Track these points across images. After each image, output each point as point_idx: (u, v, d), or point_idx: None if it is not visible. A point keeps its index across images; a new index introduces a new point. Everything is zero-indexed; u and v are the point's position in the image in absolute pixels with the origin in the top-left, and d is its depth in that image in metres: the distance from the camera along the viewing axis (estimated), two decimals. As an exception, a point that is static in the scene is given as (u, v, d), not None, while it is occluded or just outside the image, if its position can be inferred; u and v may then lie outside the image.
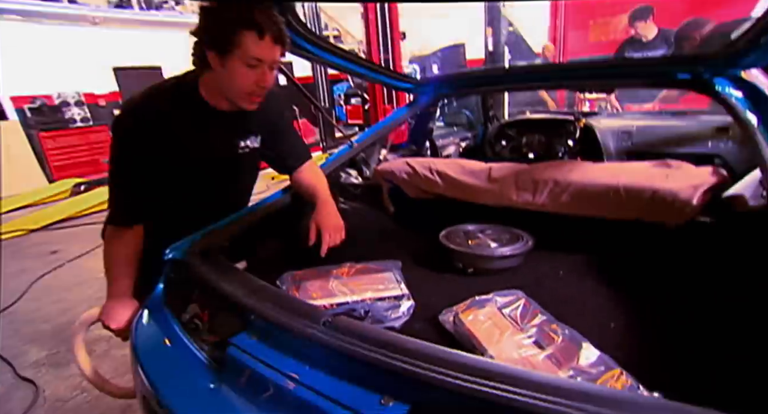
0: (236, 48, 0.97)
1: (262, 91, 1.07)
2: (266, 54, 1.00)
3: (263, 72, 1.03)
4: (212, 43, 0.99)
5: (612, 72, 1.34)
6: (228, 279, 0.90)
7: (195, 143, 1.13)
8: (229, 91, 1.06)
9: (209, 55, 1.01)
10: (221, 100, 1.11)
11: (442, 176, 1.40)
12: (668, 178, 1.05)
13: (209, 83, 1.09)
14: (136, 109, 1.08)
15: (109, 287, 1.14)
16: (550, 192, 1.21)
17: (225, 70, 1.01)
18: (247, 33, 0.96)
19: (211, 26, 0.99)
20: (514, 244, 1.18)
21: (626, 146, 2.37)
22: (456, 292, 1.12)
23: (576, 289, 1.07)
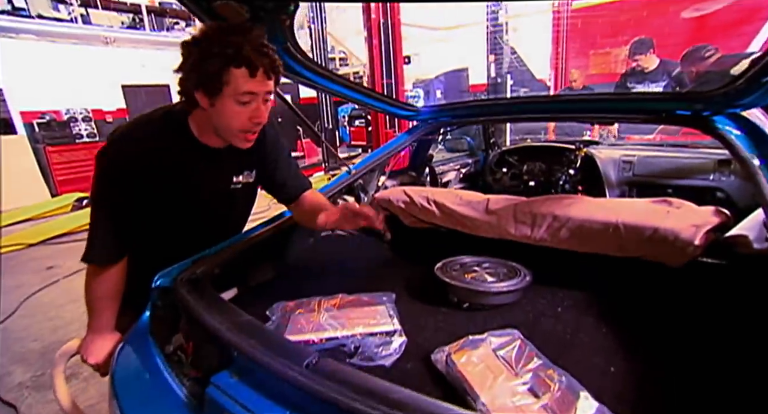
0: (225, 86, 0.91)
1: (257, 128, 1.00)
2: (259, 88, 0.93)
3: (257, 107, 0.96)
4: (199, 83, 0.92)
5: (611, 106, 1.34)
6: (213, 311, 0.87)
7: (184, 181, 1.07)
8: (221, 129, 0.99)
9: (197, 95, 0.94)
10: (212, 137, 1.04)
11: (439, 206, 1.38)
12: (669, 217, 1.03)
13: (199, 120, 1.02)
14: (122, 144, 1.00)
15: (89, 320, 1.11)
16: (548, 227, 1.19)
17: (215, 109, 0.95)
18: (236, 71, 0.89)
19: (196, 64, 0.90)
20: (512, 279, 1.15)
21: (627, 177, 2.36)
22: (450, 327, 1.08)
23: (574, 329, 1.03)
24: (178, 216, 1.13)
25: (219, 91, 0.91)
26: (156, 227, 1.13)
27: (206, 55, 0.89)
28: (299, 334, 1.00)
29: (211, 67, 0.89)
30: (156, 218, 1.10)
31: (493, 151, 2.91)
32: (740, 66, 2.25)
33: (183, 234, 1.18)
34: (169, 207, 1.10)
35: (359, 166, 1.73)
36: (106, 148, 1.00)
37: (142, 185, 1.01)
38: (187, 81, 0.94)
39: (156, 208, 1.08)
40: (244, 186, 1.20)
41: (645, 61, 3.11)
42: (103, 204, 1.03)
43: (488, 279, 1.18)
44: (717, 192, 2.05)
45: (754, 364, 0.79)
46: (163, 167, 1.02)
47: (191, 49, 0.91)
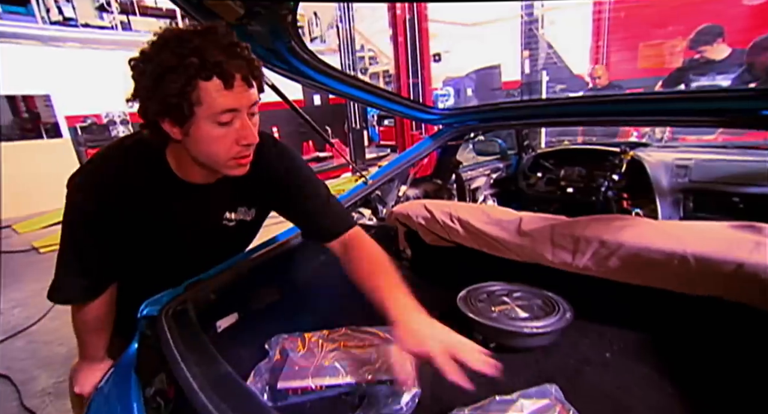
0: (197, 106, 0.70)
1: (248, 150, 0.79)
2: (240, 102, 0.72)
3: (242, 125, 0.75)
4: (164, 111, 0.71)
5: (675, 108, 1.11)
6: (192, 358, 0.75)
7: (163, 221, 0.91)
8: (205, 161, 0.80)
9: (166, 126, 0.74)
10: (194, 172, 0.86)
11: (464, 225, 1.21)
12: (759, 249, 0.81)
13: (176, 153, 0.84)
14: (97, 174, 0.85)
15: (78, 348, 1.02)
16: (594, 253, 0.99)
17: (191, 138, 0.75)
18: (207, 84, 0.69)
19: (154, 86, 0.68)
20: (549, 316, 0.97)
21: (682, 183, 2.08)
22: (473, 374, 0.91)
23: (627, 384, 0.84)
24: (159, 253, 0.99)
25: (190, 115, 0.71)
26: (136, 263, 0.99)
27: (162, 71, 0.67)
28: (295, 380, 0.87)
29: (172, 86, 0.67)
30: (135, 255, 0.96)
31: (527, 154, 2.68)
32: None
33: (168, 269, 1.04)
34: (148, 244, 0.95)
35: (377, 175, 1.58)
36: (77, 180, 0.85)
37: (116, 222, 0.86)
38: (147, 110, 0.73)
39: (134, 246, 0.93)
40: (240, 224, 1.00)
41: (712, 52, 2.69)
42: (72, 239, 0.87)
43: (520, 314, 1.00)
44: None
45: None
46: (138, 205, 0.86)
47: (143, 67, 0.70)
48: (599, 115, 1.25)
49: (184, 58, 0.66)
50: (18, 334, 2.89)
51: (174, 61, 0.66)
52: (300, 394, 0.86)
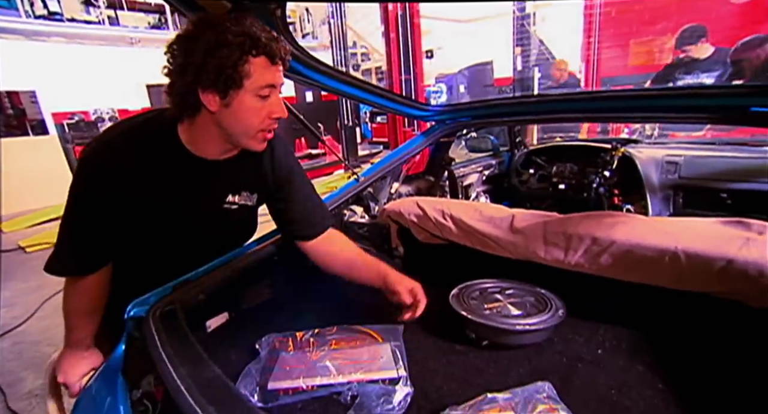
0: (245, 80, 0.80)
1: (275, 124, 0.89)
2: (279, 79, 0.85)
3: (276, 100, 0.86)
4: (212, 82, 0.79)
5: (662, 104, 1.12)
6: (179, 360, 0.73)
7: (168, 193, 0.94)
8: (237, 131, 0.87)
9: (205, 97, 0.81)
10: (209, 148, 0.92)
11: (456, 222, 1.20)
12: (749, 245, 0.81)
13: (196, 128, 0.89)
14: (104, 151, 0.88)
15: (65, 334, 1.00)
16: (586, 250, 0.99)
17: (230, 109, 0.83)
18: (256, 60, 0.79)
19: (207, 61, 0.77)
20: (541, 313, 0.96)
21: (672, 179, 2.10)
22: (465, 373, 0.91)
23: (621, 382, 0.84)
24: (160, 233, 1.00)
25: (238, 86, 0.80)
26: (136, 245, 1.00)
27: (214, 47, 0.76)
28: (286, 381, 0.85)
29: (227, 59, 0.76)
30: (136, 234, 0.97)
31: (519, 151, 2.69)
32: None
33: (166, 254, 1.04)
34: (150, 222, 0.96)
35: (369, 172, 1.57)
36: (88, 153, 0.88)
37: (122, 196, 0.89)
38: (192, 83, 0.79)
39: (136, 223, 0.95)
40: (241, 208, 1.04)
41: (696, 51, 2.77)
42: (76, 211, 0.90)
43: (512, 311, 1.00)
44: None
45: None
46: (146, 178, 0.90)
47: (192, 44, 0.78)
48: (591, 111, 1.24)
49: (236, 37, 0.76)
50: (4, 335, 2.84)
51: (226, 39, 0.76)
52: (291, 394, 0.84)
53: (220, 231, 1.06)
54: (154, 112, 0.94)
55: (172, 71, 0.81)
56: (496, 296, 1.07)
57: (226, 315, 1.19)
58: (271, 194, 1.07)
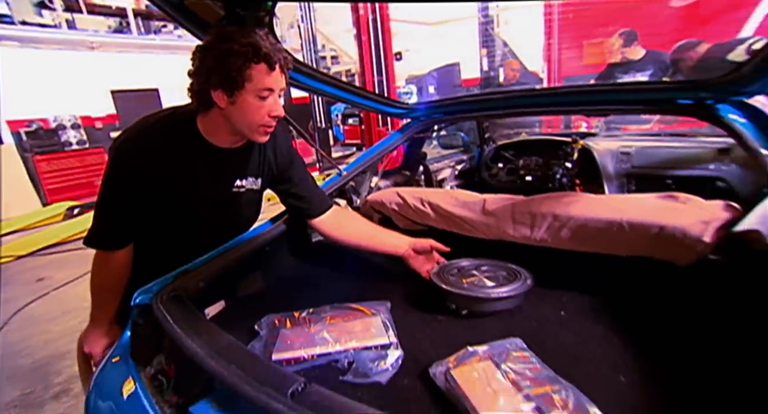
0: (247, 82, 0.95)
1: (274, 121, 1.04)
2: (276, 84, 0.99)
3: (275, 101, 1.01)
4: (220, 83, 0.95)
5: (608, 98, 1.28)
6: (193, 333, 0.81)
7: (188, 180, 1.09)
8: (240, 125, 1.03)
9: (215, 95, 0.97)
10: (221, 137, 1.08)
11: (434, 208, 1.32)
12: (676, 213, 0.97)
13: (210, 121, 1.05)
14: (131, 141, 1.05)
15: (91, 310, 1.17)
16: (549, 227, 1.13)
17: (235, 106, 0.98)
18: (257, 66, 0.94)
19: (216, 64, 0.93)
20: (512, 283, 1.09)
21: (625, 168, 2.31)
22: (449, 337, 1.02)
23: (580, 336, 0.97)
24: (178, 213, 1.14)
25: (241, 87, 0.95)
26: (157, 223, 1.15)
27: (226, 54, 0.92)
28: (288, 351, 0.94)
29: (233, 65, 0.92)
30: (157, 213, 1.12)
31: (489, 147, 2.85)
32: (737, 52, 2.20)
33: (184, 233, 1.18)
34: (173, 202, 1.11)
35: (351, 167, 1.67)
36: (118, 142, 1.05)
37: (147, 179, 1.05)
38: (205, 82, 0.96)
39: (157, 203, 1.10)
40: (248, 192, 1.21)
41: (631, 53, 3.09)
42: (108, 194, 1.07)
43: (487, 284, 1.13)
44: (718, 181, 1.99)
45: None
46: (168, 163, 1.06)
47: (207, 52, 0.95)
48: (549, 105, 1.40)
49: (242, 47, 0.91)
50: (-25, 350, 2.74)
51: (234, 47, 0.91)
52: (293, 364, 0.93)
53: (230, 211, 1.22)
54: (169, 110, 1.11)
55: (192, 73, 0.98)
56: (473, 272, 1.19)
57: (223, 303, 1.26)
58: (275, 178, 1.24)
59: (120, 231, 1.10)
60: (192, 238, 1.20)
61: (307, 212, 1.27)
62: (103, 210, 1.09)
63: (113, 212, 1.08)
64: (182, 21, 1.02)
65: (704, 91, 1.09)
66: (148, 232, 1.15)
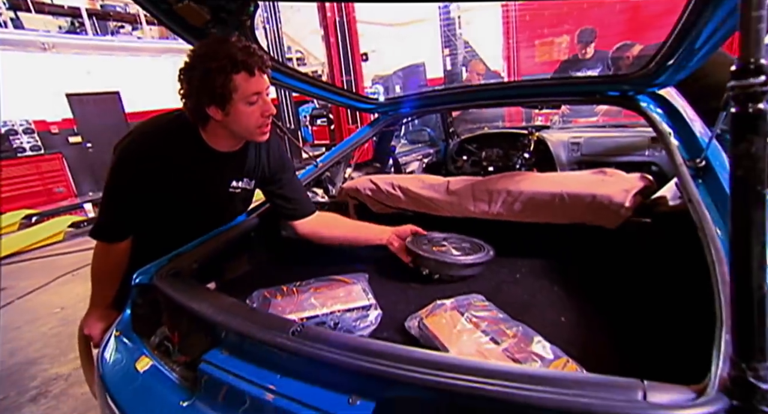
0: (234, 93, 1.01)
1: (269, 120, 1.11)
2: (260, 86, 1.04)
3: (264, 101, 1.07)
4: (211, 100, 1.01)
5: (553, 90, 1.48)
6: (198, 299, 0.92)
7: (190, 181, 1.17)
8: (240, 131, 1.10)
9: (210, 111, 1.03)
10: (222, 142, 1.14)
11: (404, 191, 1.48)
12: (604, 184, 1.17)
13: (211, 130, 1.12)
14: (136, 142, 1.11)
15: (91, 295, 1.25)
16: (503, 202, 1.30)
17: (230, 117, 1.04)
18: (238, 76, 0.99)
19: (202, 86, 0.99)
20: (476, 253, 1.26)
21: (576, 157, 2.56)
22: (421, 300, 1.17)
23: (531, 291, 1.15)
24: (178, 209, 1.23)
25: (230, 99, 1.01)
26: (157, 219, 1.23)
27: (207, 73, 0.97)
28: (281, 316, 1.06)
29: (216, 82, 0.97)
30: (157, 210, 1.20)
31: (453, 141, 3.05)
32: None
33: (182, 227, 1.27)
34: (170, 201, 1.19)
35: (326, 158, 1.80)
36: (123, 143, 1.11)
37: (149, 180, 1.11)
38: (198, 103, 1.02)
39: (158, 201, 1.17)
40: (243, 192, 1.30)
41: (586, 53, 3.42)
42: (111, 191, 1.13)
43: (455, 253, 1.29)
44: (652, 166, 2.27)
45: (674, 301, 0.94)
46: (170, 165, 1.12)
47: (190, 74, 1.00)
48: (503, 98, 1.58)
49: (219, 61, 0.97)
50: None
51: (212, 65, 0.97)
52: (286, 327, 1.05)
53: (224, 208, 1.32)
54: (177, 113, 1.15)
55: (183, 95, 1.04)
56: (442, 243, 1.35)
57: (214, 284, 1.36)
58: (266, 180, 1.31)
59: (122, 226, 1.18)
60: (188, 231, 1.28)
61: (293, 213, 1.34)
62: (107, 206, 1.16)
63: (116, 208, 1.15)
64: (171, 25, 1.11)
65: (625, 83, 1.31)
66: (148, 226, 1.22)
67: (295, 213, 1.35)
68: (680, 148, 1.10)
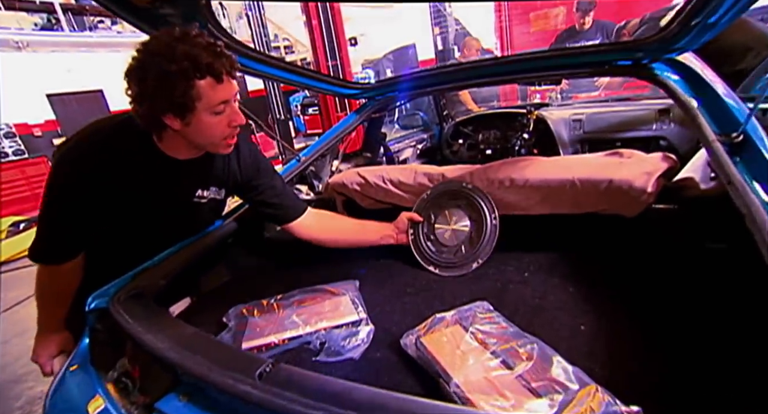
0: (197, 102, 0.85)
1: (236, 131, 0.96)
2: (229, 94, 0.89)
3: (232, 110, 0.92)
4: (168, 108, 0.85)
5: (557, 63, 1.31)
6: (155, 329, 0.78)
7: (144, 192, 1.00)
8: (202, 143, 0.96)
9: (167, 119, 0.87)
10: (179, 151, 0.99)
11: (395, 184, 1.33)
12: (622, 167, 1.02)
13: (167, 138, 0.95)
14: (80, 150, 0.93)
15: (38, 319, 1.09)
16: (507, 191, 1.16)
17: (191, 127, 0.89)
18: (202, 82, 0.83)
19: (158, 91, 0.82)
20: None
21: (579, 135, 2.40)
22: (417, 308, 1.04)
23: (542, 292, 1.02)
24: (133, 224, 1.06)
25: (192, 109, 0.85)
26: (111, 234, 1.07)
27: (164, 76, 0.80)
28: (258, 339, 0.93)
29: (176, 88, 0.81)
30: (110, 225, 1.04)
31: (448, 124, 2.88)
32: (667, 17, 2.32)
33: (140, 242, 1.10)
34: (124, 214, 1.03)
35: (309, 152, 1.64)
36: (64, 153, 0.94)
37: (98, 191, 0.95)
38: (151, 109, 0.85)
39: (112, 215, 1.01)
40: (210, 201, 1.13)
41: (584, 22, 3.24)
42: (52, 204, 0.96)
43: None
44: (660, 140, 2.12)
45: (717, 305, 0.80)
46: (120, 174, 0.96)
47: (143, 73, 0.82)
48: (500, 74, 1.42)
49: (179, 63, 0.79)
50: None
51: (171, 67, 0.79)
52: (265, 350, 0.92)
53: (190, 220, 1.15)
54: (125, 116, 0.97)
55: (133, 98, 0.86)
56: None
57: (189, 299, 1.22)
58: (241, 188, 1.16)
59: (65, 244, 1.00)
60: (150, 246, 1.11)
61: (281, 218, 1.20)
62: (46, 223, 0.99)
63: (58, 223, 0.98)
64: (109, 4, 0.95)
65: (639, 50, 1.14)
66: (102, 242, 1.07)
67: (282, 217, 1.20)
68: (709, 121, 0.95)
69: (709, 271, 0.88)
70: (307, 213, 1.22)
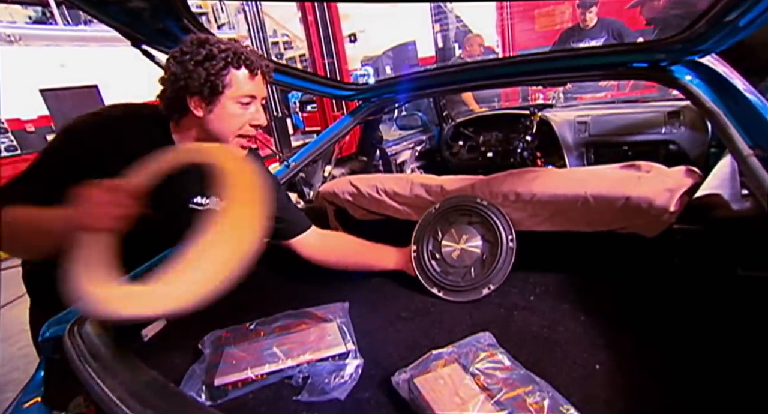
0: (227, 88, 0.90)
1: (255, 131, 0.98)
2: (258, 92, 0.94)
3: (257, 110, 0.96)
4: (198, 88, 0.88)
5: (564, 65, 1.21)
6: (110, 372, 0.68)
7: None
8: (218, 133, 0.95)
9: (191, 102, 0.90)
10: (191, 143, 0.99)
11: (390, 195, 1.22)
12: (641, 183, 0.92)
13: (180, 129, 0.97)
14: (91, 120, 0.94)
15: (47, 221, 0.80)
16: (511, 207, 1.05)
17: (213, 114, 0.92)
18: (238, 71, 0.90)
19: (195, 70, 0.87)
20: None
21: (584, 137, 2.29)
22: (412, 336, 0.94)
23: (551, 321, 0.92)
24: None
25: (220, 93, 0.90)
26: None
27: (205, 57, 0.87)
28: (234, 373, 0.83)
29: (213, 68, 0.87)
30: None
31: (447, 125, 2.78)
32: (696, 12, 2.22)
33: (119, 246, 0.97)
34: None
35: (299, 157, 1.53)
36: (75, 118, 0.94)
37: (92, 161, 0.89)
38: (181, 89, 0.89)
39: None
40: (206, 212, 1.06)
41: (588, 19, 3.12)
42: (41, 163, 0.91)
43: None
44: (670, 144, 2.02)
45: (748, 341, 0.70)
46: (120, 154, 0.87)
47: (182, 58, 0.88)
48: (504, 76, 1.31)
49: (222, 51, 0.88)
50: None
51: (213, 53, 0.87)
52: (241, 386, 0.82)
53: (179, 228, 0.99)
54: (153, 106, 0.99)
55: (166, 80, 0.91)
56: None
57: (164, 321, 1.12)
58: None
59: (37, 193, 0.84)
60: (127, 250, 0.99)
61: (283, 233, 1.15)
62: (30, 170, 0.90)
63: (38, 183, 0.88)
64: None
65: (658, 52, 1.04)
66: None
67: (284, 232, 1.15)
68: (741, 132, 0.85)
69: (742, 301, 0.78)
70: (311, 231, 1.18)
